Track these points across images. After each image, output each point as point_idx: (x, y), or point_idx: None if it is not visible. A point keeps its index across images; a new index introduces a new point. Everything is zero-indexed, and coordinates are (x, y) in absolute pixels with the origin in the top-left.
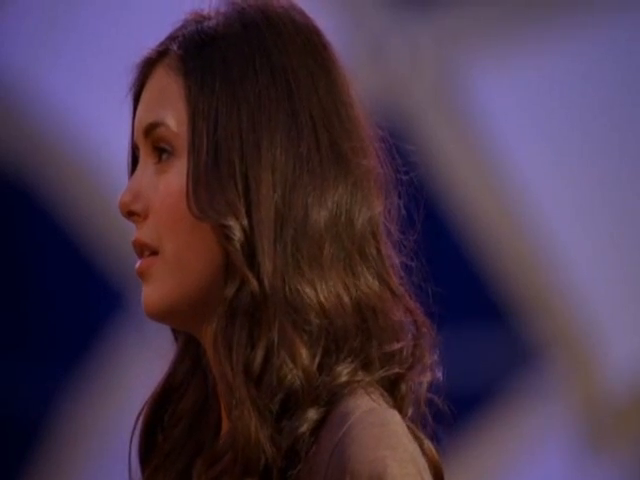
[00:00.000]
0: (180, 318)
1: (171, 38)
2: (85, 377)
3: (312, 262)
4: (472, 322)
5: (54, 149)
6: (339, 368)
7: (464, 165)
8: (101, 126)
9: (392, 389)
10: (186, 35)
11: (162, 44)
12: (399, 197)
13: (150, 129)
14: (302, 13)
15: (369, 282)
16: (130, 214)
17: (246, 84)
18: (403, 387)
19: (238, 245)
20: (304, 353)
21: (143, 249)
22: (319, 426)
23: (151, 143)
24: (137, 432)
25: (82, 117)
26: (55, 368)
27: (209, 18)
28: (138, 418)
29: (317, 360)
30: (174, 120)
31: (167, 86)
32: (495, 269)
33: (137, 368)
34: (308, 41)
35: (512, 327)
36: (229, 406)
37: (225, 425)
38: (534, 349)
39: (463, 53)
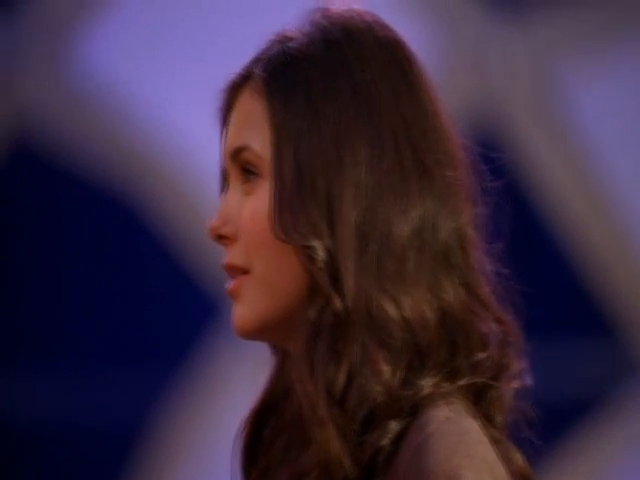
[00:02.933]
0: (267, 337)
1: (255, 61)
2: (181, 387)
3: (395, 278)
4: (575, 332)
5: (152, 160)
6: (422, 382)
7: (561, 174)
8: (198, 137)
9: (478, 398)
10: (269, 57)
11: (247, 67)
12: (490, 206)
13: (236, 153)
14: (385, 27)
15: (455, 293)
16: (220, 238)
17: (328, 103)
18: (489, 396)
19: (322, 265)
20: (387, 370)
21: (233, 271)
22: (399, 437)
23: (238, 166)
24: (238, 448)
25: (179, 128)
26: (151, 379)
27: (292, 39)
28: (238, 434)
29: (400, 376)
30: (259, 143)
31: (252, 109)
32: (595, 277)
33: (232, 378)
34: (390, 55)
35: (616, 337)
36: (311, 424)
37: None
38: (638, 359)
39: (558, 61)
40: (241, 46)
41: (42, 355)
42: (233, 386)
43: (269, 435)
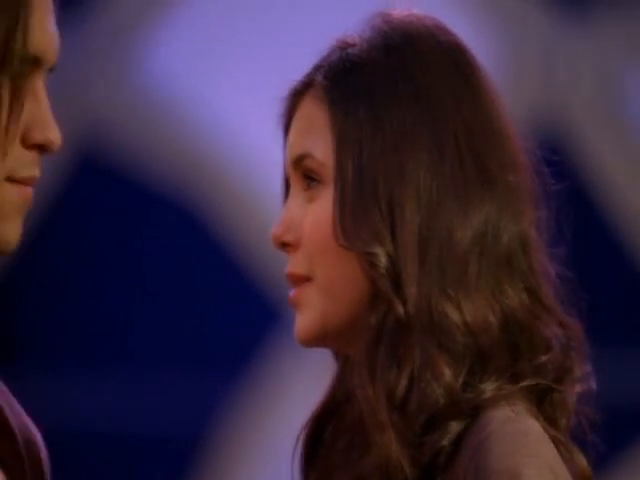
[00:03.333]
0: (329, 344)
1: (316, 68)
2: (243, 393)
3: (457, 283)
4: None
5: (216, 165)
6: (483, 386)
7: (625, 176)
8: (263, 142)
9: (540, 400)
10: (330, 64)
11: (308, 75)
12: (553, 210)
13: (298, 161)
14: (446, 31)
15: (517, 297)
16: (283, 245)
17: (389, 109)
18: (552, 398)
19: (384, 271)
20: (448, 374)
21: (296, 280)
22: (460, 437)
23: (300, 174)
24: (298, 450)
25: (245, 132)
26: (215, 385)
27: (353, 45)
28: (299, 436)
29: (462, 380)
30: (320, 150)
31: (313, 116)
32: None
33: (293, 383)
34: (452, 59)
35: None
36: (371, 429)
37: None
38: None
39: (623, 62)
40: (306, 49)
41: (107, 360)
42: (295, 391)
43: (329, 438)
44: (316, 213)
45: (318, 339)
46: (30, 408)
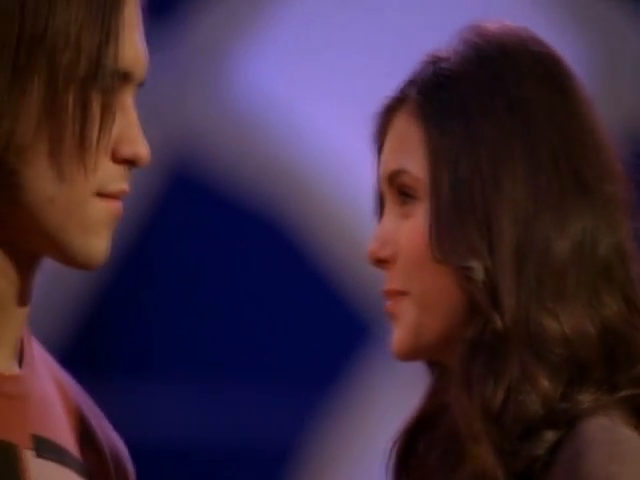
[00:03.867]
0: (425, 357)
1: (409, 83)
2: (334, 408)
3: (555, 294)
4: None
5: (308, 180)
6: (580, 397)
7: None
8: (356, 158)
9: (638, 411)
10: (423, 79)
11: (400, 90)
12: None
13: (393, 177)
14: (540, 42)
15: (616, 308)
16: (378, 262)
17: (484, 122)
18: None
19: (481, 285)
20: (546, 385)
21: (393, 295)
22: (556, 446)
23: (395, 190)
24: (391, 461)
25: (334, 146)
26: (304, 400)
27: (446, 59)
28: (392, 448)
29: (560, 391)
30: (416, 166)
31: (407, 132)
32: None
33: (386, 397)
34: (546, 70)
35: None
36: (467, 440)
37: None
38: None
39: None
40: (397, 66)
41: (197, 373)
42: (385, 404)
43: (423, 450)
44: (412, 229)
45: (414, 353)
46: (118, 420)
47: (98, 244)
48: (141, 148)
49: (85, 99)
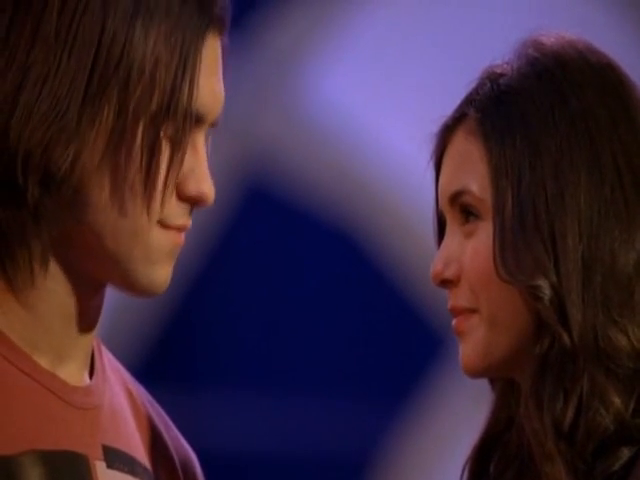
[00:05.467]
0: (494, 374)
1: (467, 101)
2: (406, 423)
3: (622, 307)
4: None
5: (380, 193)
6: None
7: None
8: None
9: None
10: (481, 96)
11: (459, 109)
12: None
13: (455, 197)
14: (597, 52)
15: None
16: (443, 282)
17: (546, 137)
18: None
19: (548, 303)
20: (618, 401)
21: (460, 312)
22: (631, 463)
23: (457, 210)
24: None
25: (409, 162)
26: (377, 413)
27: (503, 74)
28: (464, 468)
29: (631, 407)
30: (477, 185)
31: (467, 151)
32: None
33: (457, 414)
34: (605, 80)
35: None
36: (540, 460)
37: None
38: None
39: None
40: (466, 76)
41: (270, 387)
42: (459, 423)
43: (496, 469)
44: (476, 248)
45: (484, 370)
46: (189, 430)
47: (160, 273)
48: (207, 188)
49: (154, 135)
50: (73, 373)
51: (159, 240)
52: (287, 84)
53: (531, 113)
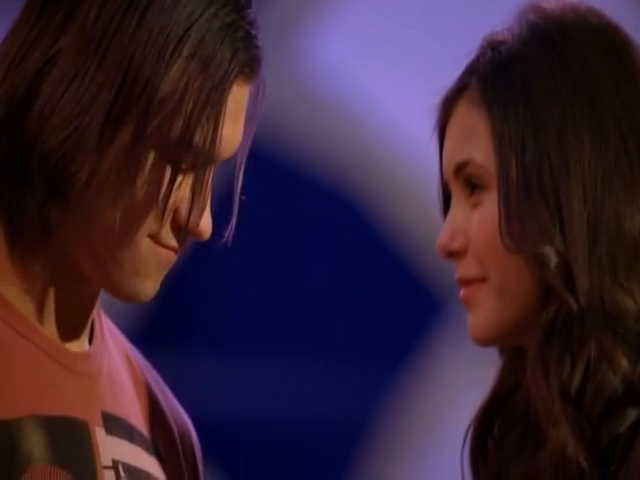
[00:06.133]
0: (502, 342)
1: (469, 71)
2: (405, 383)
3: (629, 271)
4: None
5: (379, 157)
6: None
7: None
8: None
9: None
10: (483, 65)
11: (461, 79)
12: None
13: (460, 168)
14: (598, 14)
15: None
16: (450, 254)
17: (549, 103)
18: None
19: (555, 270)
20: (625, 363)
21: (469, 282)
22: (637, 424)
23: (462, 180)
24: (468, 444)
25: (408, 125)
26: (376, 375)
27: (503, 42)
28: (468, 430)
29: (639, 369)
30: (482, 155)
31: (471, 121)
32: None
33: (456, 377)
34: (607, 44)
35: None
36: (546, 425)
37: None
38: None
39: None
40: (468, 44)
41: (269, 351)
42: (457, 383)
43: (499, 432)
44: (482, 218)
45: (493, 339)
46: (186, 396)
47: (146, 285)
48: (205, 224)
49: (163, 165)
50: (73, 340)
51: (149, 254)
52: (288, 49)
53: (533, 81)
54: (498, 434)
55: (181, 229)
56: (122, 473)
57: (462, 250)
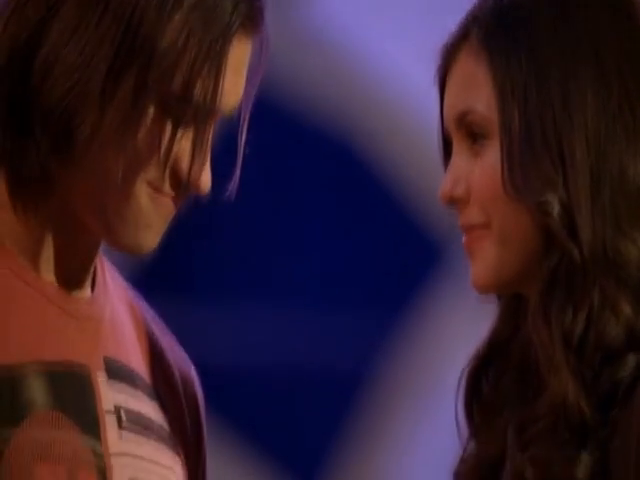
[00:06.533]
0: (503, 290)
1: (470, 19)
2: (403, 331)
3: (632, 219)
4: None
5: (379, 105)
6: None
7: None
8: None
9: None
10: (484, 13)
11: (462, 27)
12: None
13: (461, 117)
14: None
15: None
16: (452, 202)
17: (552, 54)
18: None
19: (557, 218)
20: (628, 309)
21: (472, 230)
22: (638, 373)
23: (464, 130)
24: (462, 387)
25: (410, 75)
26: (372, 322)
27: None
28: (463, 373)
29: None
30: (483, 105)
31: (472, 70)
32: None
33: (455, 321)
34: None
35: None
36: (547, 372)
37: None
38: None
39: None
40: None
41: (270, 299)
42: (456, 330)
43: (495, 376)
44: (484, 167)
45: (494, 287)
46: (190, 343)
47: (147, 237)
48: (204, 179)
49: (164, 118)
50: (75, 288)
51: (149, 204)
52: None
53: (535, 29)
54: (493, 379)
55: (181, 182)
56: (124, 418)
57: (464, 198)
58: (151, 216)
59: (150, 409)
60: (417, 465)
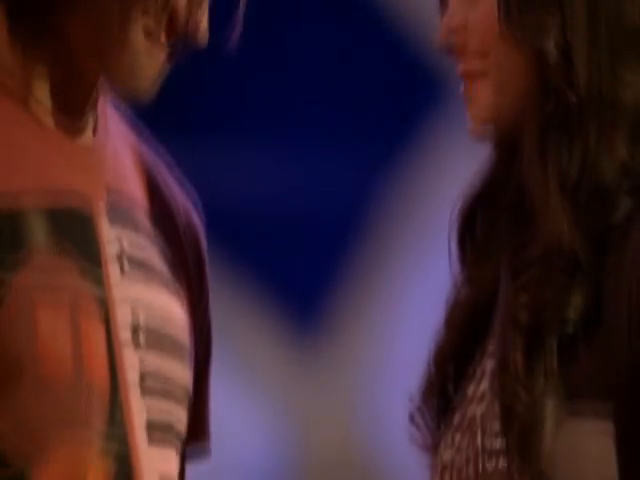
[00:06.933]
0: (499, 136)
1: None
2: (402, 169)
3: (629, 60)
4: None
5: None
6: None
7: None
8: None
9: None
10: None
11: None
12: None
13: None
14: None
15: None
16: (449, 49)
17: None
18: None
19: (554, 61)
20: (623, 150)
21: (470, 76)
22: (632, 214)
23: None
24: (454, 227)
25: None
26: (370, 160)
27: None
28: (455, 210)
29: (637, 157)
30: None
31: None
32: None
33: (453, 160)
34: None
35: None
36: (541, 214)
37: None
38: None
39: None
40: None
41: (260, 128)
42: (454, 168)
43: (487, 216)
44: (481, 13)
45: (490, 132)
46: (196, 179)
47: (143, 81)
48: (201, 27)
49: None
50: (75, 125)
51: (143, 49)
52: None
53: None
54: (487, 218)
55: (178, 30)
56: (126, 263)
57: (462, 43)
58: (144, 61)
59: (152, 253)
60: (411, 305)
